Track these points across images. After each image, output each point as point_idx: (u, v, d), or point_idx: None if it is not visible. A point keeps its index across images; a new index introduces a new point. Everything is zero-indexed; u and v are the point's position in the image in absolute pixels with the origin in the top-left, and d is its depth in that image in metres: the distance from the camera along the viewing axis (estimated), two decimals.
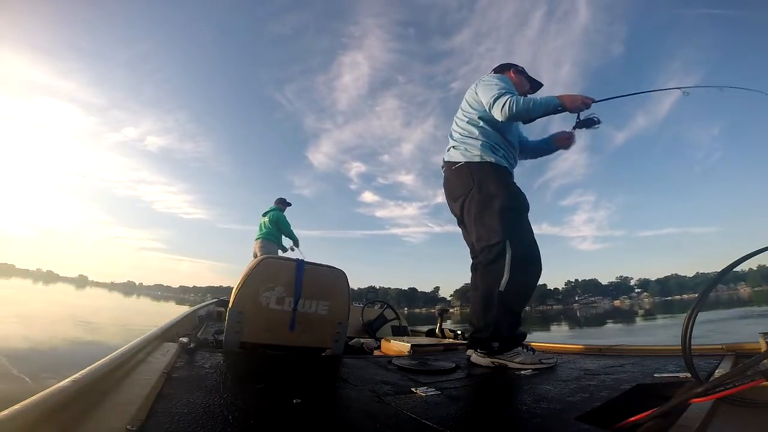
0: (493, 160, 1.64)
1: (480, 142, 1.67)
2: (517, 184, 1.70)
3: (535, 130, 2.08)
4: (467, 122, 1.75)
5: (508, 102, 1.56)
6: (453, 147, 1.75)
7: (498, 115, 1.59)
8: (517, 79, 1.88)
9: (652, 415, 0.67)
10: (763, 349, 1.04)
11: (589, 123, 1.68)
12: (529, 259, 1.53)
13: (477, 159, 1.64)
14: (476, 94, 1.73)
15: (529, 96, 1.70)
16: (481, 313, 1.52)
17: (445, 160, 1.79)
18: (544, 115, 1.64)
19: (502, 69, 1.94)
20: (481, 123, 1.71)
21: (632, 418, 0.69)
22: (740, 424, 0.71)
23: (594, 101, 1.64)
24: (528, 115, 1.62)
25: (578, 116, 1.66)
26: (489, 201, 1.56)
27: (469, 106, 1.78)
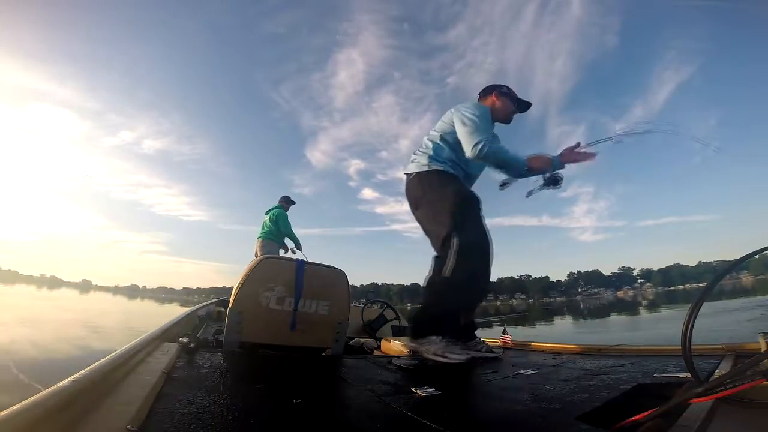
0: (440, 168, 1.75)
1: (428, 155, 1.79)
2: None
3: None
4: (427, 138, 1.88)
5: (480, 146, 1.63)
6: (411, 161, 1.88)
7: (468, 153, 1.68)
8: (500, 103, 1.92)
9: (652, 415, 0.67)
10: (763, 349, 1.04)
11: (554, 181, 1.80)
12: (475, 245, 1.59)
13: (425, 168, 1.77)
14: (451, 122, 1.81)
15: (503, 148, 1.73)
16: (423, 299, 1.64)
17: (404, 173, 1.92)
18: (509, 173, 1.81)
19: (485, 93, 1.97)
20: (439, 141, 1.82)
21: (632, 418, 0.69)
22: (740, 424, 0.71)
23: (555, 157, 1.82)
24: (495, 163, 1.75)
25: (544, 176, 1.80)
26: (439, 202, 1.68)
27: (441, 126, 1.86)
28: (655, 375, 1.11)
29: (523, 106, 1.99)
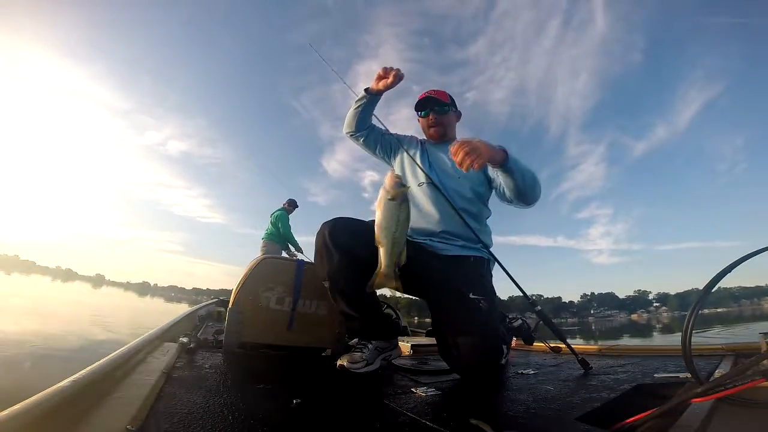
0: None
1: None
2: None
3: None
4: None
5: None
6: None
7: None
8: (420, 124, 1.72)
9: (652, 415, 0.67)
10: (763, 349, 1.04)
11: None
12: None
13: None
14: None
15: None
16: None
17: None
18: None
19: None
20: None
21: (632, 418, 0.69)
22: (740, 424, 0.71)
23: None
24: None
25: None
26: None
27: None
28: (655, 375, 1.11)
29: (417, 105, 1.68)
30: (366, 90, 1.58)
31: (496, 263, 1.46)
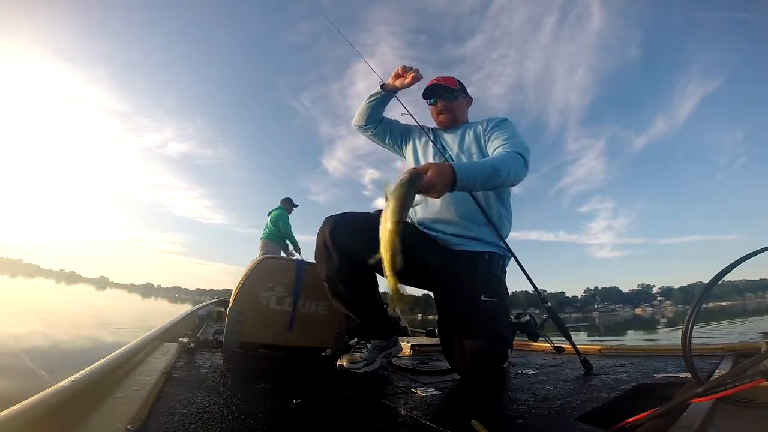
0: None
1: None
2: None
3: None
4: None
5: None
6: None
7: None
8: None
9: (652, 415, 0.67)
10: (763, 349, 1.04)
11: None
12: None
13: None
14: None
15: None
16: None
17: None
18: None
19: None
20: None
21: (632, 418, 0.69)
22: (740, 424, 0.71)
23: None
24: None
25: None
26: None
27: None
28: (655, 375, 1.11)
29: (425, 93, 1.65)
30: (381, 86, 1.59)
31: (510, 259, 1.42)
